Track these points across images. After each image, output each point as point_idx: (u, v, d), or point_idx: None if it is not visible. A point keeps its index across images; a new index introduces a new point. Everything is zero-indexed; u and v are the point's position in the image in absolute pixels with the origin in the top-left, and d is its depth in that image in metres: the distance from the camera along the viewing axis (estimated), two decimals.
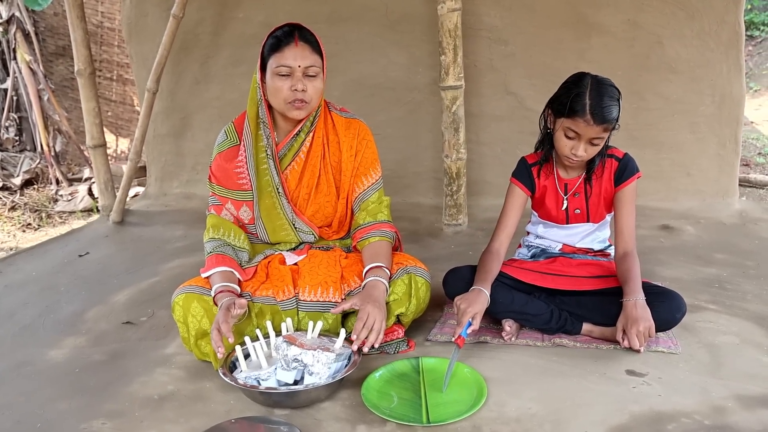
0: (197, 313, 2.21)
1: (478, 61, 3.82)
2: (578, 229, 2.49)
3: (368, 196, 2.47)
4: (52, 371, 2.37)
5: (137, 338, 2.61)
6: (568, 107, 2.19)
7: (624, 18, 3.72)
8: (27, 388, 2.25)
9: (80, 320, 2.83)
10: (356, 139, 2.46)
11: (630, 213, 2.36)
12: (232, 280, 2.25)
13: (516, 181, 2.46)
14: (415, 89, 3.94)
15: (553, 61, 3.72)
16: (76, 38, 3.95)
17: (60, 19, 6.88)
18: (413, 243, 3.52)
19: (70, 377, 2.31)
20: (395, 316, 2.30)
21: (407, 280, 2.31)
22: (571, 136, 2.23)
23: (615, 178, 2.36)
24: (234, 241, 2.39)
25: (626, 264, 2.28)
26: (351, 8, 3.93)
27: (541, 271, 2.44)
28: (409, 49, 3.90)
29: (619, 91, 2.24)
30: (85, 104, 4.07)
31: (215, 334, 2.00)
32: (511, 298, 2.35)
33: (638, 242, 3.22)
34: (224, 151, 2.41)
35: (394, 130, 4.03)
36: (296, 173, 2.41)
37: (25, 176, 6.15)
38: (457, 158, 3.46)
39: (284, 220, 2.43)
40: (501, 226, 2.46)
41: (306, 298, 2.27)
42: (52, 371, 2.37)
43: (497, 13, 3.74)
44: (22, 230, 5.37)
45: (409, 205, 4.04)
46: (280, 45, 2.22)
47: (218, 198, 2.43)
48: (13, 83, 6.31)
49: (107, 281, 3.28)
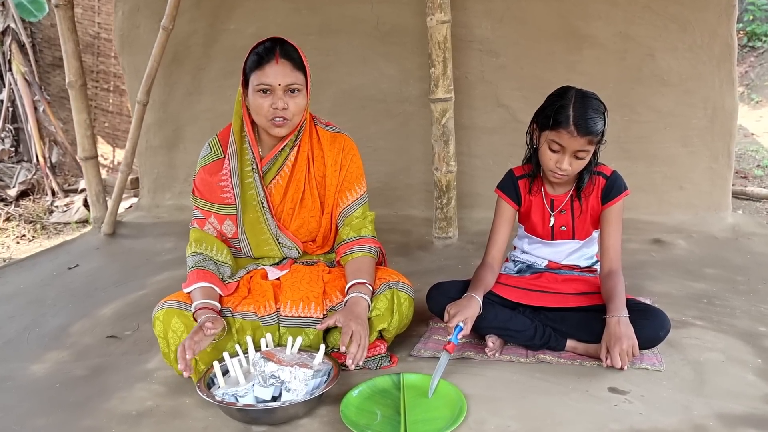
0: (177, 329, 2.19)
1: (470, 73, 3.81)
2: (563, 246, 2.46)
3: (352, 211, 2.45)
4: (32, 386, 2.35)
5: (120, 352, 2.59)
6: (552, 119, 2.18)
7: (615, 30, 3.71)
8: (6, 402, 2.23)
9: (65, 334, 2.81)
10: (341, 153, 2.44)
11: (616, 231, 2.34)
12: (212, 296, 2.23)
13: (501, 194, 2.45)
14: (407, 101, 3.94)
15: (545, 73, 3.71)
16: (67, 50, 3.96)
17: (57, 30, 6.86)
18: (403, 256, 3.51)
19: (50, 392, 2.29)
20: (377, 332, 2.28)
21: (390, 295, 2.29)
22: (556, 149, 2.21)
23: (602, 195, 2.34)
24: (216, 256, 2.37)
25: (611, 282, 2.26)
26: (342, 20, 3.93)
27: (525, 288, 2.42)
28: (400, 61, 3.89)
29: (604, 106, 2.22)
30: (77, 116, 4.07)
31: (180, 350, 1.97)
32: (495, 314, 2.33)
33: (629, 256, 3.25)
34: (208, 165, 2.40)
35: (385, 142, 4.02)
36: (281, 188, 2.40)
37: (21, 187, 6.15)
38: (447, 171, 3.45)
39: (268, 235, 2.41)
40: (492, 241, 2.45)
41: (287, 313, 2.25)
42: (32, 386, 2.35)
43: (488, 25, 3.73)
44: (16, 242, 5.36)
45: (400, 217, 4.03)
46: (261, 62, 2.20)
47: (201, 212, 2.41)
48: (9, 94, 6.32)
49: (94, 294, 3.26)
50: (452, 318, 2.15)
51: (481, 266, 2.42)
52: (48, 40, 7.00)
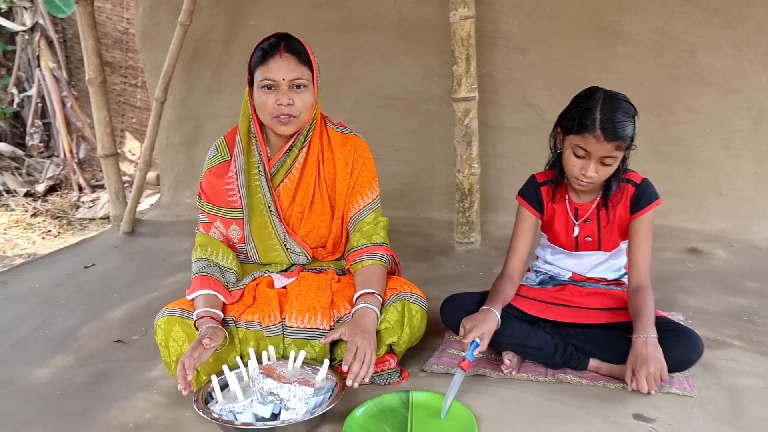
0: (178, 338, 2.11)
1: (496, 70, 3.65)
2: (588, 258, 2.31)
3: (363, 216, 2.33)
4: (33, 392, 2.31)
5: (125, 359, 2.53)
6: (577, 122, 2.03)
7: (652, 25, 3.51)
8: (5, 410, 2.19)
9: (73, 337, 2.77)
10: (352, 156, 2.32)
11: (646, 243, 2.18)
12: (215, 305, 2.14)
13: (522, 201, 2.31)
14: (430, 100, 3.80)
15: (575, 71, 3.53)
16: (86, 46, 3.92)
17: None
18: (422, 261, 3.38)
19: (50, 400, 2.24)
20: (387, 346, 2.17)
21: (400, 307, 2.17)
22: (581, 154, 2.06)
23: (631, 204, 2.18)
24: (222, 262, 2.28)
25: (639, 298, 2.10)
26: (364, 16, 3.81)
27: (547, 301, 2.28)
28: (423, 58, 3.75)
29: (635, 108, 2.06)
30: (96, 113, 4.02)
31: (179, 368, 1.88)
32: (512, 330, 2.19)
33: (662, 266, 3.07)
34: (214, 167, 2.31)
35: (407, 142, 3.89)
36: (289, 191, 2.29)
37: (49, 182, 6.17)
38: (469, 173, 3.30)
39: (275, 240, 2.31)
40: (512, 250, 2.32)
41: (292, 324, 2.15)
42: (34, 392, 2.31)
43: (516, 21, 3.57)
44: (42, 237, 5.37)
45: (422, 220, 3.90)
46: (265, 57, 2.12)
47: (207, 216, 2.32)
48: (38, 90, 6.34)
49: (107, 295, 3.21)
50: (468, 333, 2.02)
51: (500, 277, 2.29)
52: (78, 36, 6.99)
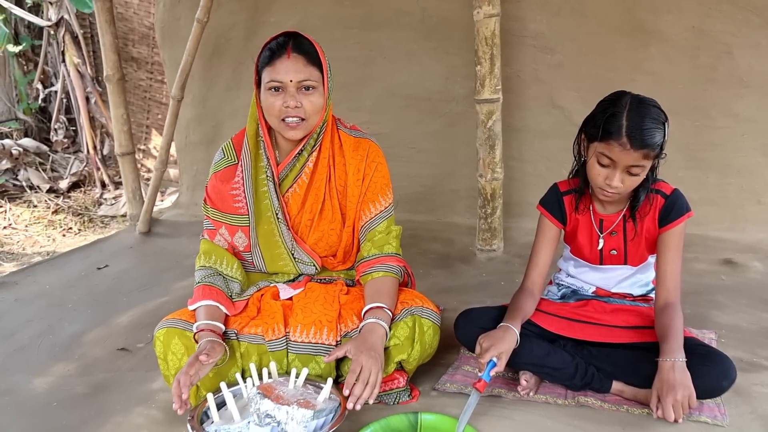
0: (177, 351, 2.02)
1: (522, 71, 3.50)
2: (614, 272, 2.16)
3: (375, 225, 2.22)
4: (30, 403, 2.24)
5: (127, 368, 2.45)
6: (602, 129, 1.89)
7: (688, 24, 3.32)
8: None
9: (77, 343, 2.70)
10: (364, 161, 2.21)
11: (675, 258, 2.03)
12: (217, 317, 2.04)
13: (544, 211, 2.17)
14: (453, 100, 3.66)
15: (606, 73, 3.37)
16: (104, 43, 3.85)
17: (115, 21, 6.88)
18: (442, 268, 3.25)
19: (46, 412, 2.17)
20: (396, 363, 2.05)
21: (411, 322, 2.05)
22: (605, 163, 1.92)
23: (660, 217, 2.03)
24: (226, 270, 2.18)
25: (667, 317, 1.95)
26: (386, 13, 3.68)
27: (568, 318, 2.15)
28: (447, 57, 3.62)
29: (665, 115, 1.92)
30: (114, 110, 3.96)
31: (175, 386, 1.79)
32: (530, 348, 2.06)
33: (694, 278, 2.89)
34: (221, 171, 2.22)
35: (429, 144, 3.76)
36: (298, 197, 2.19)
37: (72, 179, 6.16)
38: (492, 178, 3.16)
39: (282, 249, 2.20)
40: (532, 263, 2.19)
41: (297, 338, 2.05)
42: (30, 403, 2.24)
43: (543, 19, 3.41)
44: (62, 234, 5.35)
45: (443, 224, 3.76)
46: (272, 57, 2.02)
47: (212, 222, 2.24)
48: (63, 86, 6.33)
49: (116, 299, 3.14)
50: (485, 352, 1.89)
51: (519, 291, 2.16)
52: None
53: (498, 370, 1.89)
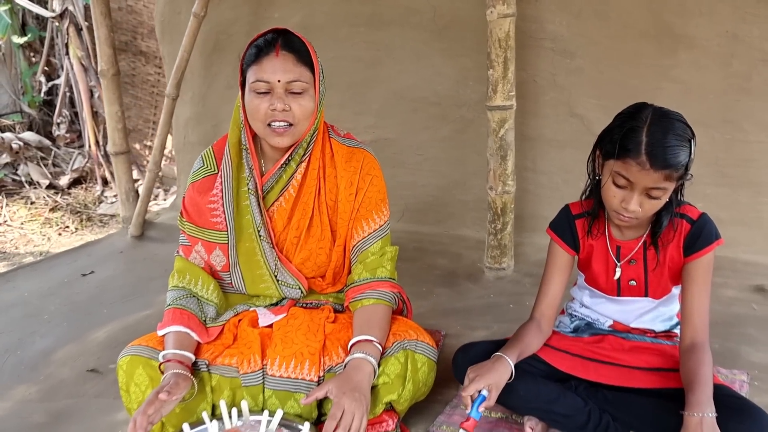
0: (141, 382, 1.81)
1: (539, 76, 3.25)
2: (633, 305, 1.92)
3: (368, 245, 2.00)
4: None
5: (94, 393, 2.25)
6: (619, 145, 1.65)
7: (721, 29, 3.05)
8: None
9: (45, 362, 2.51)
10: (358, 174, 1.99)
11: (703, 293, 1.78)
12: (186, 345, 1.83)
13: (554, 236, 1.93)
14: (464, 105, 3.42)
15: (629, 80, 3.11)
16: (99, 36, 3.67)
17: (124, 13, 6.69)
18: (447, 287, 3.01)
19: None
20: (385, 404, 1.83)
21: (403, 358, 1.84)
22: (622, 184, 1.68)
23: (685, 245, 1.78)
24: (201, 292, 1.97)
25: (694, 361, 1.70)
26: (395, 11, 3.45)
27: (582, 355, 1.91)
28: (459, 59, 3.37)
29: (691, 131, 1.67)
30: (108, 107, 3.77)
31: (131, 426, 1.58)
32: (537, 391, 1.83)
33: (722, 307, 2.63)
34: (198, 181, 2.01)
35: (438, 151, 3.53)
36: (284, 211, 1.97)
37: (74, 175, 5.99)
38: (503, 191, 2.91)
39: (264, 270, 1.99)
40: (542, 292, 1.95)
41: (275, 372, 1.83)
42: None
43: (563, 21, 3.16)
44: (58, 233, 5.17)
45: (451, 238, 3.52)
46: (259, 55, 1.81)
47: (188, 237, 2.02)
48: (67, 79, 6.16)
49: (96, 311, 2.95)
50: (471, 383, 1.66)
51: (526, 323, 1.92)
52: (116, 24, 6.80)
53: (488, 405, 1.66)
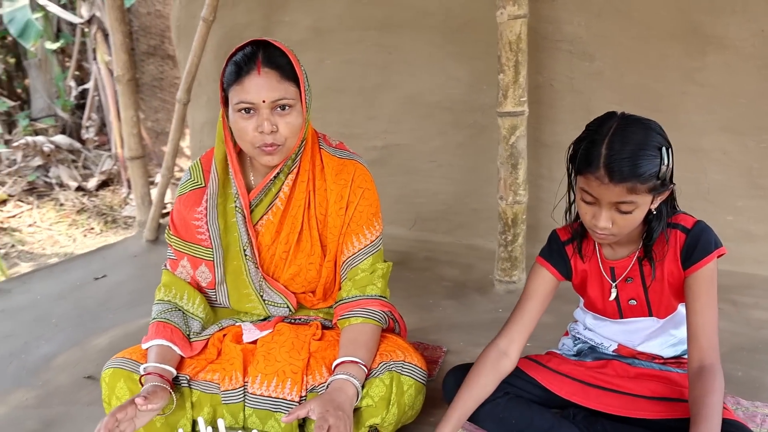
0: (122, 395, 1.78)
1: (556, 79, 3.11)
2: (638, 325, 1.79)
3: (358, 262, 1.92)
4: None
5: (88, 401, 2.26)
6: (579, 160, 1.55)
7: (755, 28, 2.85)
8: None
9: (45, 367, 2.53)
10: (348, 187, 1.90)
11: (707, 308, 1.61)
12: (168, 359, 1.78)
13: (544, 262, 1.79)
14: (478, 111, 3.30)
15: (653, 83, 2.94)
16: (115, 42, 3.66)
17: (152, 18, 6.76)
18: (454, 299, 2.91)
19: None
20: (367, 427, 1.74)
21: (388, 380, 1.76)
22: (589, 200, 1.56)
23: (682, 257, 1.64)
24: (187, 306, 1.93)
25: (700, 388, 1.53)
26: (407, 13, 3.35)
27: (583, 381, 1.78)
28: (472, 62, 3.26)
29: (663, 138, 1.53)
30: (124, 112, 3.77)
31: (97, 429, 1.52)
32: (529, 419, 1.72)
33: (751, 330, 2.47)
34: (185, 195, 1.96)
35: (451, 158, 3.42)
36: (272, 225, 1.91)
37: (101, 177, 6.05)
38: (514, 201, 2.79)
39: (250, 290, 1.93)
40: (514, 318, 1.78)
41: (256, 390, 1.78)
42: None
43: (582, 21, 3.00)
44: (84, 234, 5.22)
45: (463, 247, 3.41)
46: (239, 74, 1.72)
47: (174, 251, 1.98)
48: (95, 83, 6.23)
49: (102, 316, 2.95)
50: None
51: (483, 355, 1.75)
52: (144, 28, 6.88)
53: None
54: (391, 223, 3.45)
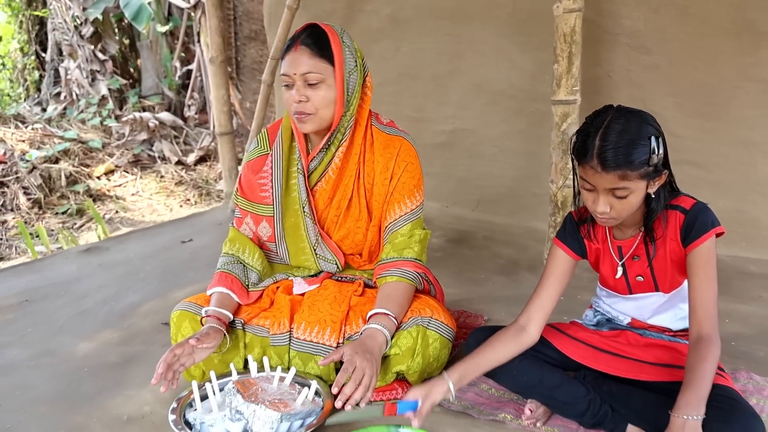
0: (186, 333, 2.07)
1: (614, 71, 3.21)
2: (646, 300, 1.92)
3: (398, 227, 2.13)
4: (65, 366, 2.38)
5: (162, 343, 2.53)
6: (576, 151, 1.70)
7: None
8: (29, 381, 2.27)
9: (131, 313, 2.84)
10: (394, 160, 2.12)
11: (705, 282, 1.72)
12: (227, 305, 2.05)
13: (561, 244, 1.94)
14: (540, 99, 3.43)
15: (707, 77, 2.99)
16: (210, 26, 4.01)
17: (256, 4, 7.15)
18: (505, 275, 3.08)
19: (74, 377, 2.29)
20: (395, 373, 1.97)
21: (415, 332, 1.95)
22: (587, 187, 1.71)
23: (682, 236, 1.76)
24: (247, 259, 2.19)
25: (695, 356, 1.65)
26: (477, 5, 3.51)
27: (596, 347, 1.94)
28: (536, 53, 3.39)
29: (654, 128, 1.66)
30: (215, 91, 4.12)
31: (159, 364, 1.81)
32: (539, 377, 1.89)
33: None
34: (252, 160, 2.23)
35: (514, 144, 3.56)
36: (325, 192, 2.16)
37: (199, 153, 6.51)
38: (564, 185, 2.94)
39: (306, 244, 2.18)
40: (536, 295, 1.92)
41: (300, 335, 2.02)
42: (65, 366, 2.38)
43: (641, 16, 3.09)
44: (180, 205, 5.68)
45: (521, 229, 3.57)
46: (286, 50, 2.01)
47: (240, 210, 2.25)
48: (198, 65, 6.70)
49: (184, 274, 3.28)
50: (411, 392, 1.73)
51: (506, 329, 1.89)
52: (247, 13, 7.30)
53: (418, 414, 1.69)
54: (454, 203, 3.65)
